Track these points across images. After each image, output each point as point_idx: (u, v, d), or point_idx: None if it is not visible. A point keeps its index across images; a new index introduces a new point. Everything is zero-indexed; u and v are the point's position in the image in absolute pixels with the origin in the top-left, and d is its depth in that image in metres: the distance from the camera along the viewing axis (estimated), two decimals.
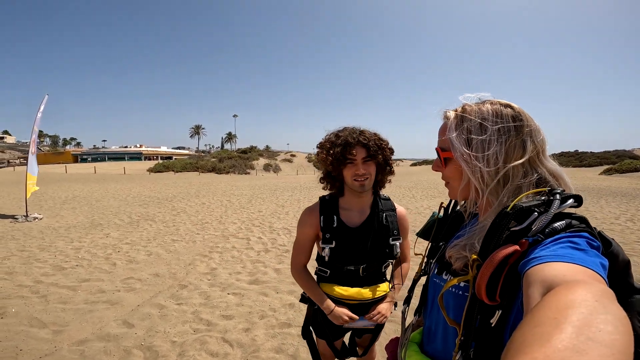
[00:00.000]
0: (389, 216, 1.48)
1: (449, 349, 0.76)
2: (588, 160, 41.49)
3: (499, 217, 0.60)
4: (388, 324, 2.91)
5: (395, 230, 1.47)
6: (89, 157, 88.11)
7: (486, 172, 0.70)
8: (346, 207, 1.48)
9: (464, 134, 0.73)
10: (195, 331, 2.82)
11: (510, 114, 0.72)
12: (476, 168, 0.71)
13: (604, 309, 0.35)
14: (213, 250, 5.32)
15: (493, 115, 0.72)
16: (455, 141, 0.74)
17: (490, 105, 0.74)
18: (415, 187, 15.99)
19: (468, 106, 0.76)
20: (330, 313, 1.43)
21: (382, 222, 1.46)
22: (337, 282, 1.47)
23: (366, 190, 1.42)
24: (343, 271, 1.46)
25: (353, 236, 1.44)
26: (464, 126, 0.73)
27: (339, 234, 1.43)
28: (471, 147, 0.72)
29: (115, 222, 7.55)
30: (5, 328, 2.81)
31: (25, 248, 5.31)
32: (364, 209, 1.48)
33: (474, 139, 0.71)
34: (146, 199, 11.73)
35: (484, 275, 0.55)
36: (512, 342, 0.35)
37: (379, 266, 1.49)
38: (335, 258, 1.45)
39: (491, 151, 0.70)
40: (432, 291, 0.86)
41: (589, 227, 0.59)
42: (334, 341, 1.58)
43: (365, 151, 1.38)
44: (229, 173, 34.03)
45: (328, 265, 1.48)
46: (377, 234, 1.45)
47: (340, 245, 1.43)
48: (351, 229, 1.44)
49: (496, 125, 0.70)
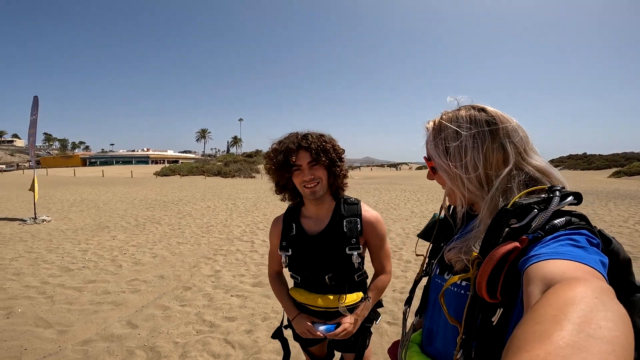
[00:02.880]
0: (349, 222, 1.34)
1: (450, 349, 0.75)
2: (596, 163, 41.05)
3: (499, 214, 0.60)
4: (391, 327, 2.88)
5: (353, 239, 1.32)
6: (98, 160, 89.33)
7: (466, 179, 0.71)
8: (306, 214, 1.42)
9: (440, 145, 0.75)
10: (198, 332, 2.82)
11: (484, 118, 0.72)
12: (456, 176, 0.73)
13: (604, 306, 0.35)
14: (217, 252, 5.34)
15: (467, 121, 0.73)
16: (433, 152, 0.77)
17: (465, 111, 0.75)
18: (421, 191, 15.93)
19: (445, 114, 0.78)
20: (293, 320, 1.41)
21: (342, 230, 1.34)
22: (306, 288, 1.42)
23: (318, 197, 1.32)
24: (309, 279, 1.40)
25: (309, 244, 1.37)
26: (441, 136, 0.75)
27: (296, 242, 1.38)
28: (449, 155, 0.73)
29: (121, 224, 7.62)
30: (11, 328, 2.84)
31: (33, 250, 5.38)
32: (323, 216, 1.39)
33: (450, 146, 0.73)
34: (152, 202, 11.82)
35: (484, 272, 0.55)
36: (512, 340, 0.35)
37: (348, 276, 1.36)
38: (293, 266, 1.40)
39: (468, 157, 0.71)
40: (434, 292, 0.86)
41: (589, 225, 0.59)
42: (309, 347, 1.54)
43: (308, 155, 1.29)
44: (235, 177, 34.20)
45: (295, 272, 1.44)
46: (331, 243, 1.34)
47: (296, 254, 1.38)
48: (309, 236, 1.38)
49: (470, 132, 0.71)
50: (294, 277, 1.45)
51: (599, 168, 38.36)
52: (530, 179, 0.69)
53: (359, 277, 1.38)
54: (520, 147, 0.70)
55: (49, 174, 36.31)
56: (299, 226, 1.40)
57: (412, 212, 9.45)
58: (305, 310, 1.42)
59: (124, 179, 28.37)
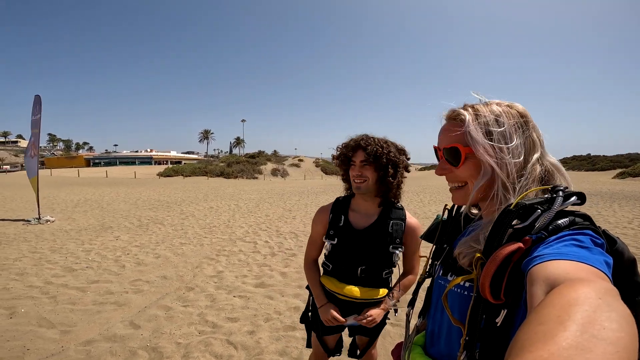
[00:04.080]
0: (395, 224, 1.49)
1: (454, 351, 0.75)
2: (601, 164, 40.81)
3: (502, 214, 0.59)
4: (394, 329, 2.88)
5: (398, 239, 1.48)
6: (101, 161, 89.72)
7: (513, 164, 0.69)
8: (355, 208, 1.54)
9: (481, 128, 0.71)
10: (201, 333, 2.82)
11: (516, 112, 0.73)
12: (503, 161, 0.69)
13: (608, 307, 0.34)
14: (220, 253, 5.34)
15: (504, 113, 0.72)
16: (475, 133, 0.71)
17: (497, 105, 0.74)
18: (423, 192, 15.89)
19: (478, 105, 0.75)
20: (320, 307, 1.52)
21: (388, 230, 1.48)
22: (337, 278, 1.53)
23: (363, 193, 1.47)
24: (342, 268, 1.51)
25: (355, 237, 1.48)
26: (480, 121, 0.72)
27: (343, 232, 1.50)
28: (493, 139, 0.70)
29: (125, 225, 7.65)
30: (14, 328, 2.85)
31: (37, 250, 5.41)
32: (371, 213, 1.52)
33: (494, 131, 0.70)
34: (156, 203, 11.86)
35: (487, 273, 0.55)
36: (516, 341, 0.35)
37: (379, 271, 1.50)
38: (336, 254, 1.52)
39: (514, 143, 0.70)
40: (437, 293, 0.85)
41: (593, 225, 0.58)
42: (324, 336, 1.64)
43: (363, 154, 1.43)
44: (237, 177, 34.28)
45: (330, 260, 1.55)
46: (378, 240, 1.47)
47: (341, 243, 1.50)
48: (355, 230, 1.49)
49: (511, 121, 0.71)
50: (326, 265, 1.58)
51: (603, 169, 38.15)
52: (547, 173, 0.70)
53: (386, 275, 1.53)
54: (541, 140, 0.72)
55: (53, 174, 36.52)
56: (347, 219, 1.52)
57: (414, 213, 9.42)
58: (330, 298, 1.54)
59: (128, 179, 28.49)
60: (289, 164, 51.59)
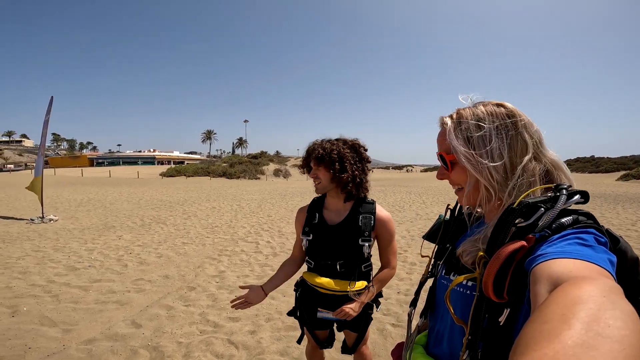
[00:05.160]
0: (364, 218, 1.55)
1: (456, 350, 0.75)
2: (604, 166, 40.60)
3: (505, 213, 0.59)
4: (395, 329, 2.87)
5: (366, 232, 1.53)
6: (105, 161, 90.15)
7: (492, 167, 0.70)
8: (327, 207, 1.64)
9: (461, 135, 0.74)
10: (202, 332, 2.82)
11: (504, 112, 0.73)
12: (482, 166, 0.70)
13: (612, 305, 0.34)
14: (222, 253, 5.35)
15: (488, 115, 0.72)
16: (455, 142, 0.74)
17: (484, 106, 0.75)
18: (426, 193, 15.85)
19: (462, 110, 0.77)
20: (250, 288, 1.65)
21: (358, 224, 1.55)
22: (318, 273, 1.60)
23: (321, 192, 1.59)
24: (322, 264, 1.59)
25: (328, 232, 1.57)
26: (461, 127, 0.74)
27: (317, 229, 1.59)
28: (471, 145, 0.72)
29: (128, 224, 7.68)
30: (16, 326, 2.87)
31: (40, 248, 5.44)
32: (342, 209, 1.60)
33: (473, 137, 0.72)
34: (158, 203, 11.90)
35: (490, 272, 0.54)
36: (520, 339, 0.35)
37: (357, 265, 1.56)
38: (312, 250, 1.61)
39: (493, 145, 0.70)
40: (440, 292, 0.85)
41: (596, 223, 0.58)
42: (315, 330, 1.73)
43: (313, 159, 1.55)
44: (240, 178, 34.33)
45: (310, 256, 1.64)
46: (349, 234, 1.54)
47: (316, 239, 1.59)
48: (329, 226, 1.59)
49: (492, 124, 0.71)
50: (309, 262, 1.65)
51: (607, 171, 37.93)
52: (547, 173, 0.69)
53: (365, 268, 1.59)
54: (536, 138, 0.71)
55: (56, 174, 36.73)
56: (321, 216, 1.62)
57: (417, 214, 9.41)
58: (314, 293, 1.63)
59: (131, 179, 28.61)
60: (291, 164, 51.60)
